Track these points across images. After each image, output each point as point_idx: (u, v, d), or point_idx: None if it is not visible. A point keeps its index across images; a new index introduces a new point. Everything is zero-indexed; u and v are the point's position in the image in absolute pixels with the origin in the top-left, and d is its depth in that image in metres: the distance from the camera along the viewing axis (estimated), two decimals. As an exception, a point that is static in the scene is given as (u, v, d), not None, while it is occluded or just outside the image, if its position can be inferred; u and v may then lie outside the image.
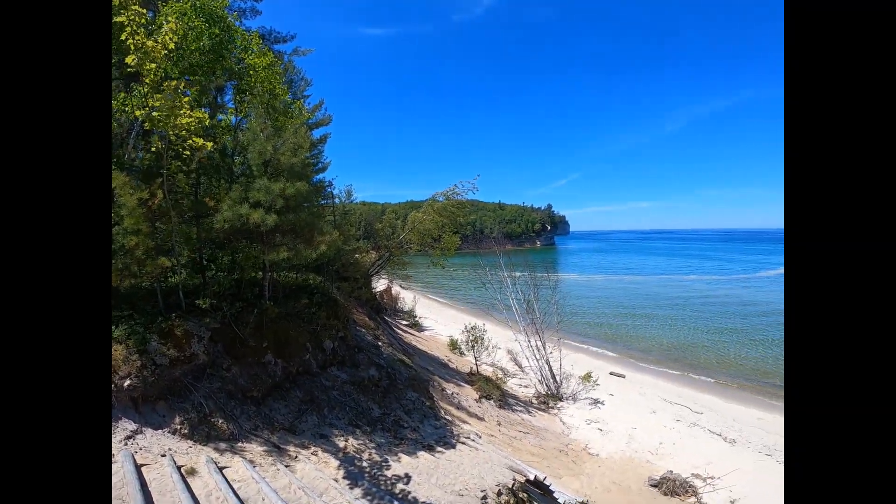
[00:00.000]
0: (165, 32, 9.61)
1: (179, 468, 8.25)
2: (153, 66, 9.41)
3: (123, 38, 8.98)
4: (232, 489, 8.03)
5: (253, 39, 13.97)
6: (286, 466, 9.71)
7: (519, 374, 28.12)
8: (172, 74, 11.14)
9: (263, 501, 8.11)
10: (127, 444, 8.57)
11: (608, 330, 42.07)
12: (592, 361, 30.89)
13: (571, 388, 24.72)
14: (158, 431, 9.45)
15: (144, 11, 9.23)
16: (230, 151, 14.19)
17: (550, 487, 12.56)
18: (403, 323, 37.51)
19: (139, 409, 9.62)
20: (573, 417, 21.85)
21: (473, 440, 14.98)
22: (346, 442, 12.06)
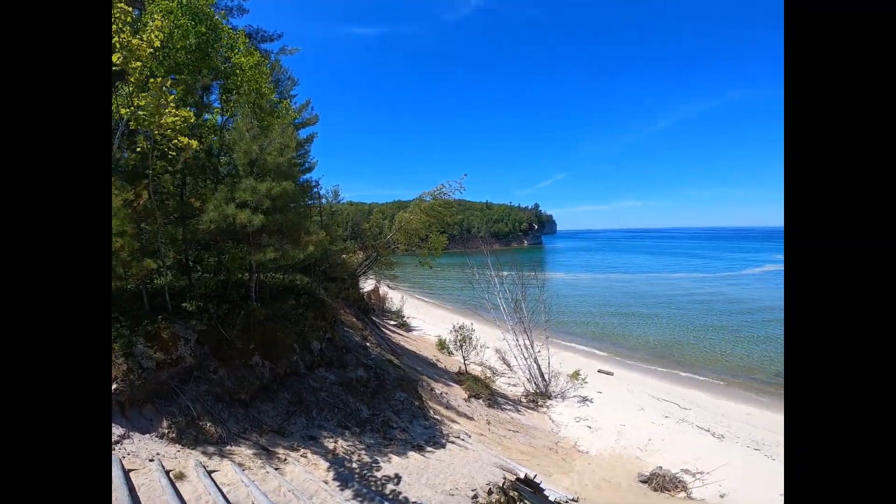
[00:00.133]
0: (151, 30, 9.48)
1: (168, 473, 8.15)
2: (139, 64, 9.27)
3: None
4: (221, 493, 7.94)
5: (239, 38, 13.85)
6: (276, 469, 9.63)
7: (507, 372, 28.18)
8: (158, 73, 10.99)
9: (253, 505, 8.04)
10: (115, 449, 8.45)
11: (595, 328, 42.31)
12: (580, 360, 31.05)
13: (560, 386, 24.82)
14: (146, 436, 9.32)
15: (130, 9, 9.10)
16: (216, 151, 14.05)
17: (541, 485, 12.60)
18: (391, 323, 37.42)
19: (126, 413, 9.48)
20: (562, 415, 21.93)
21: (463, 439, 14.98)
22: (335, 443, 12.00)
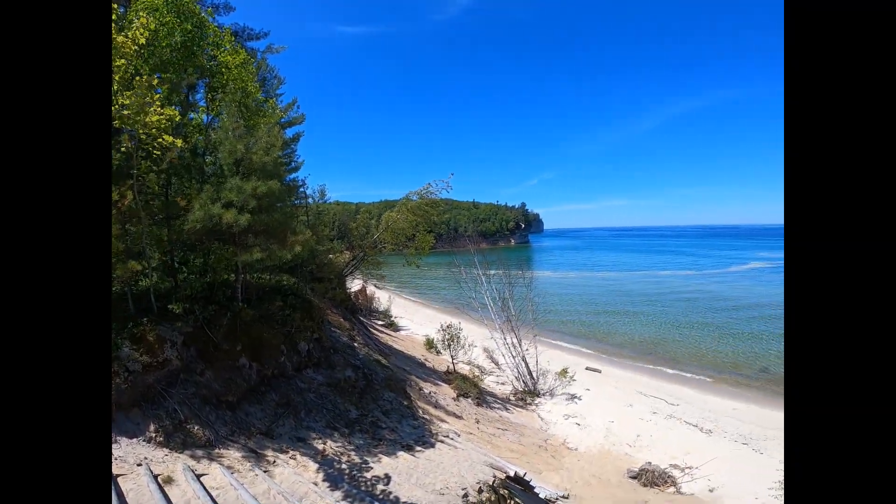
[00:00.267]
0: (136, 28, 9.34)
1: (156, 477, 8.05)
2: (123, 62, 9.15)
3: None
4: (210, 497, 7.87)
5: (225, 37, 13.71)
6: (265, 472, 9.57)
7: (496, 371, 28.24)
8: (143, 71, 10.84)
9: (243, 508, 7.98)
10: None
11: (583, 326, 42.55)
12: (568, 357, 31.21)
13: (548, 384, 24.92)
14: (133, 440, 9.20)
15: (116, 7, 8.99)
16: (201, 151, 13.91)
17: (531, 483, 12.65)
18: (379, 323, 37.32)
19: (112, 417, 9.36)
20: (551, 413, 22.03)
21: (452, 439, 14.99)
22: (324, 444, 11.94)
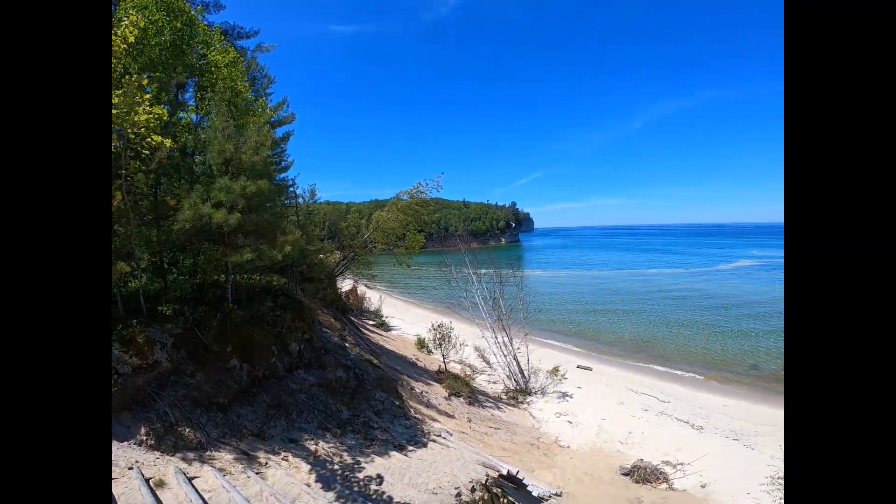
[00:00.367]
0: (126, 26, 9.25)
1: (148, 481, 7.98)
2: (112, 61, 9.08)
3: None
4: (202, 499, 7.82)
5: (215, 35, 13.60)
6: (257, 473, 9.51)
7: (487, 370, 28.28)
8: (132, 70, 10.74)
9: (235, 510, 7.94)
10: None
11: (573, 325, 42.71)
12: (559, 356, 31.30)
13: (540, 382, 25.00)
14: (124, 443, 9.11)
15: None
16: (191, 150, 13.80)
17: (524, 481, 12.67)
18: (370, 323, 37.22)
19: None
20: (543, 411, 22.09)
21: (445, 438, 15.00)
22: (316, 445, 11.91)
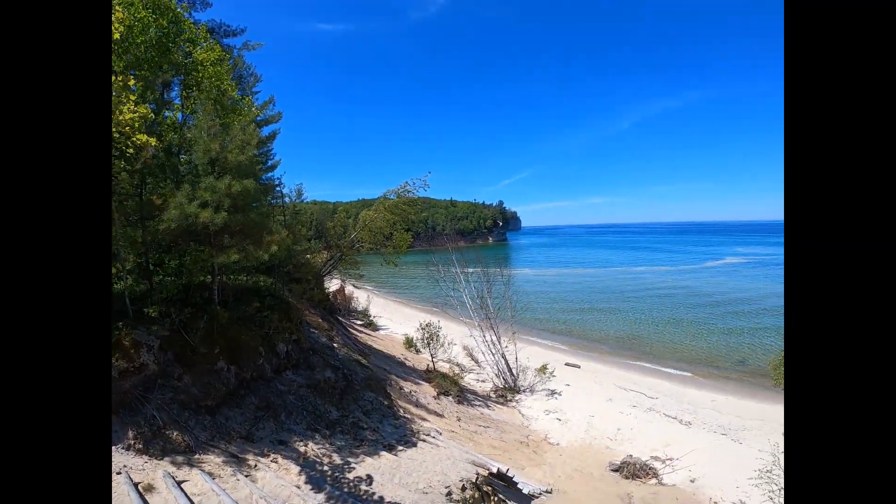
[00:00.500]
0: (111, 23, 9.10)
1: (136, 485, 7.87)
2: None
3: None
4: (192, 503, 7.74)
5: (200, 33, 13.44)
6: (246, 476, 9.43)
7: (476, 369, 28.30)
8: (116, 69, 10.56)
9: (225, 513, 7.87)
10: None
11: (561, 323, 42.98)
12: (547, 353, 31.43)
13: (528, 380, 25.07)
14: (112, 448, 8.98)
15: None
16: (176, 150, 13.63)
17: (514, 479, 12.72)
18: (358, 323, 37.07)
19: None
20: (531, 409, 22.15)
21: (434, 437, 14.98)
22: (305, 447, 11.84)
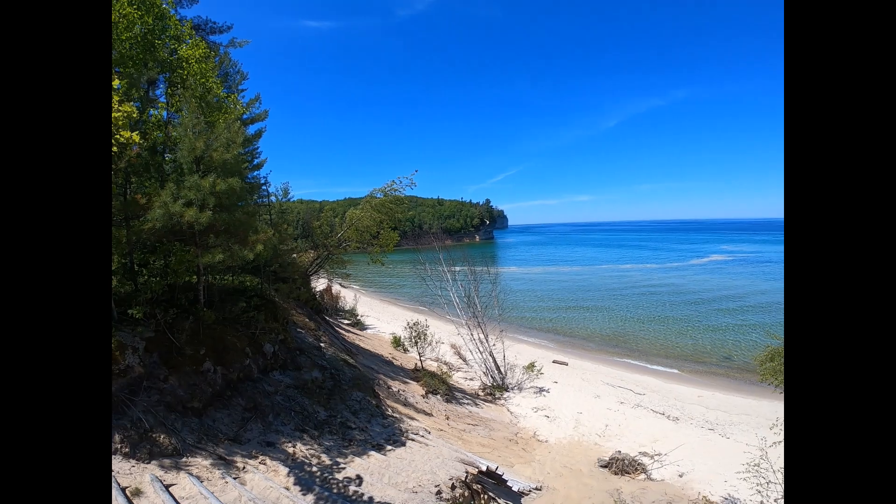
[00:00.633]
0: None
1: (124, 490, 7.75)
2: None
3: None
4: (179, 507, 7.64)
5: (185, 30, 13.25)
6: (235, 478, 9.33)
7: (464, 367, 28.36)
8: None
9: (214, 517, 7.77)
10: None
11: (548, 321, 43.23)
12: (535, 351, 31.60)
13: (516, 378, 25.18)
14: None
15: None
16: (161, 148, 13.44)
17: (503, 476, 12.74)
18: (345, 322, 36.91)
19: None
20: (520, 406, 22.24)
21: (423, 436, 14.96)
22: (294, 448, 11.74)
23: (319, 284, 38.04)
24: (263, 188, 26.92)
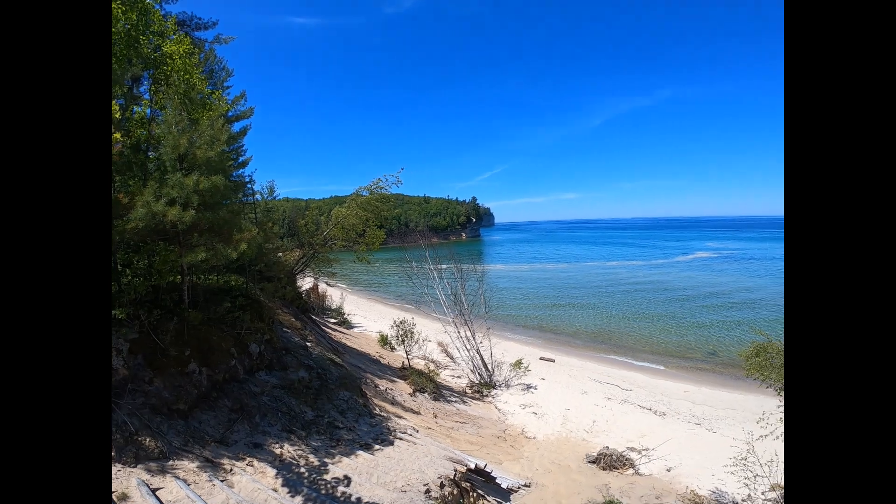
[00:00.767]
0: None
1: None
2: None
3: None
4: (165, 511, 7.54)
5: (169, 25, 13.04)
6: (222, 481, 9.24)
7: (451, 365, 28.37)
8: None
9: (201, 520, 7.68)
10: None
11: (535, 318, 43.48)
12: (522, 348, 31.72)
13: (504, 375, 25.24)
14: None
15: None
16: (144, 146, 13.23)
17: (492, 474, 12.77)
18: (332, 321, 36.71)
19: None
20: (508, 403, 22.31)
21: (411, 434, 14.94)
22: (281, 449, 11.65)
23: (305, 283, 37.81)
24: (248, 186, 26.65)
